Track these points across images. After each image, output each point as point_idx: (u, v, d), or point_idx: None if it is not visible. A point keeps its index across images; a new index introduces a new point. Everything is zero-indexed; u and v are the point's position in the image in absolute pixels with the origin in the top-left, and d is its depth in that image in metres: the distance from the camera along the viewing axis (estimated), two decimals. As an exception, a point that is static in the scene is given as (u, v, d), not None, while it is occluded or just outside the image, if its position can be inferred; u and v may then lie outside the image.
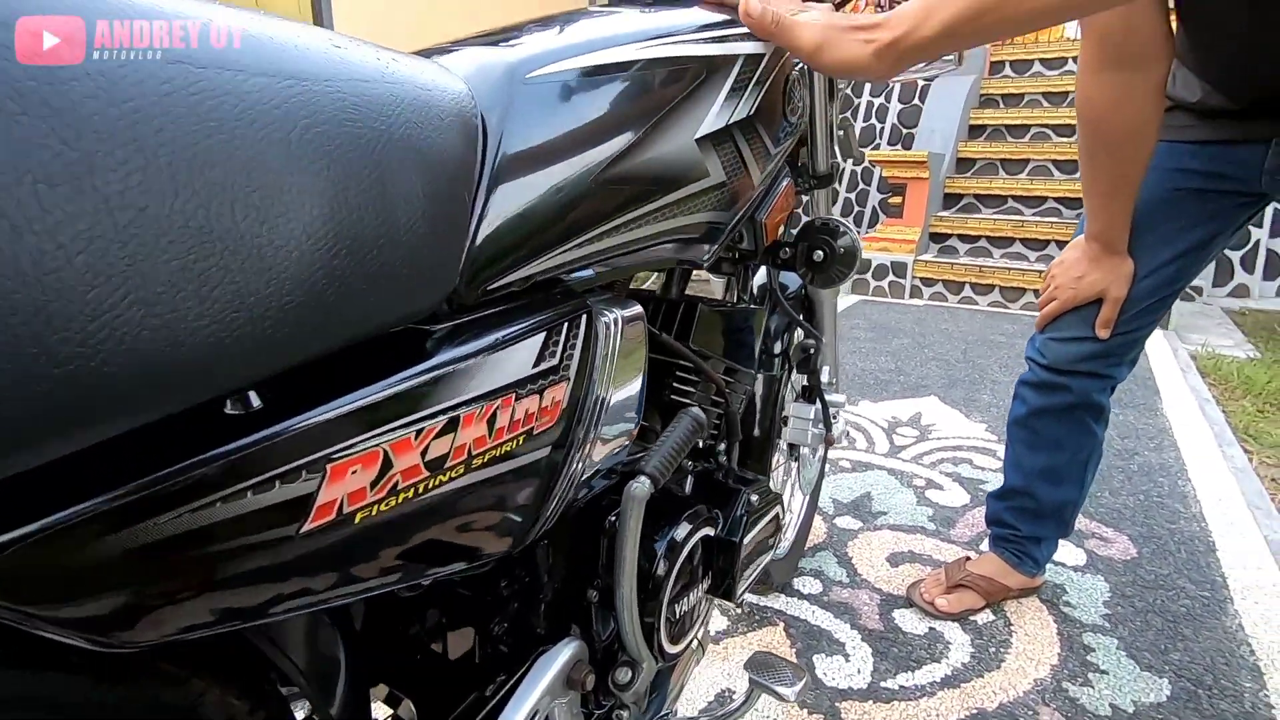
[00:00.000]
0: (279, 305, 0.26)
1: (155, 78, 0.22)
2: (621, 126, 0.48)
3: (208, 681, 0.36)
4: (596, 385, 0.46)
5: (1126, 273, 1.07)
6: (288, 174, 0.26)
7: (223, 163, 0.24)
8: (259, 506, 0.26)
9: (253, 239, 0.25)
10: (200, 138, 0.23)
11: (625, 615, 0.52)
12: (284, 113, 0.26)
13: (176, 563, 0.25)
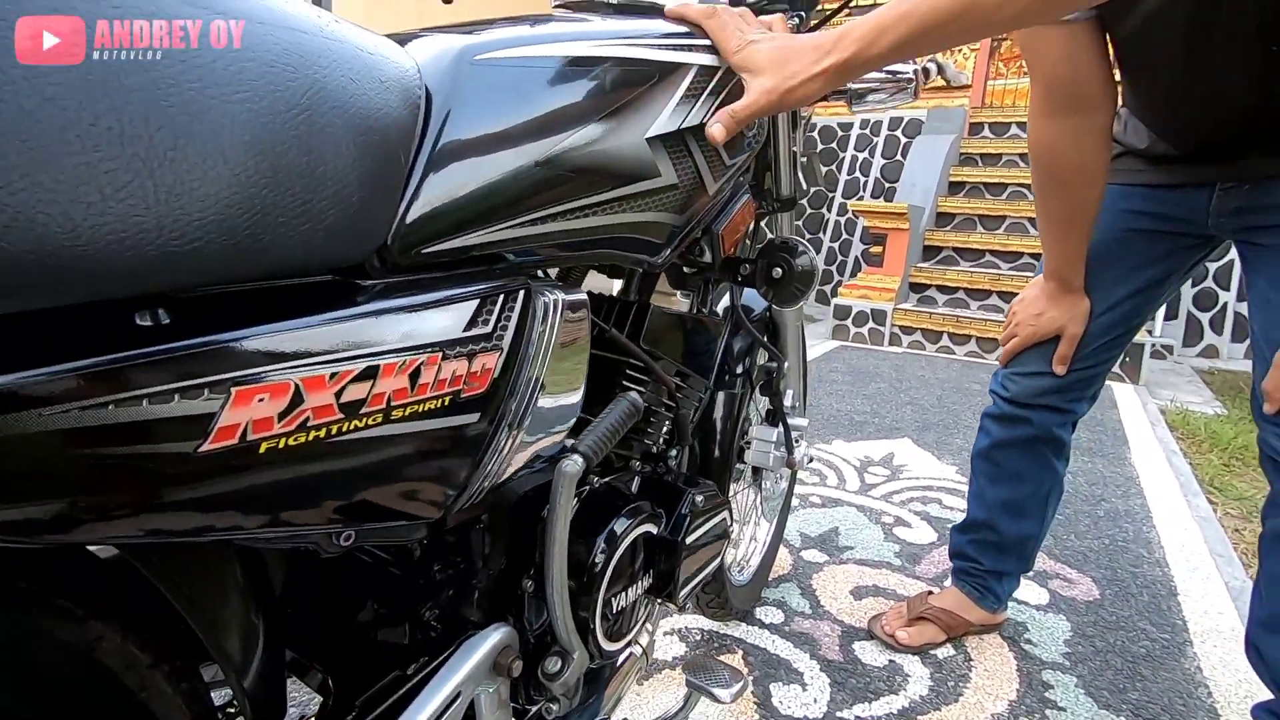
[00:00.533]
0: (188, 221, 0.27)
1: None
2: (568, 116, 0.49)
3: (109, 626, 0.35)
4: (532, 362, 0.47)
5: (1083, 311, 1.10)
6: (210, 98, 0.27)
7: (140, 74, 0.25)
8: (154, 416, 0.27)
9: (165, 150, 0.26)
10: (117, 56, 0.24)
11: (556, 602, 0.52)
12: (209, 46, 0.28)
13: (64, 459, 0.25)
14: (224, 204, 0.28)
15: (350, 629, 0.51)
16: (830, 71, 0.58)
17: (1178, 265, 1.10)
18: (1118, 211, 1.09)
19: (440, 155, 0.41)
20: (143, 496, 0.28)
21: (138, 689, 0.36)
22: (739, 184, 0.81)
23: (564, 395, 0.51)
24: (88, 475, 0.26)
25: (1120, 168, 1.11)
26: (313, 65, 0.32)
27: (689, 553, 0.66)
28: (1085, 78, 0.93)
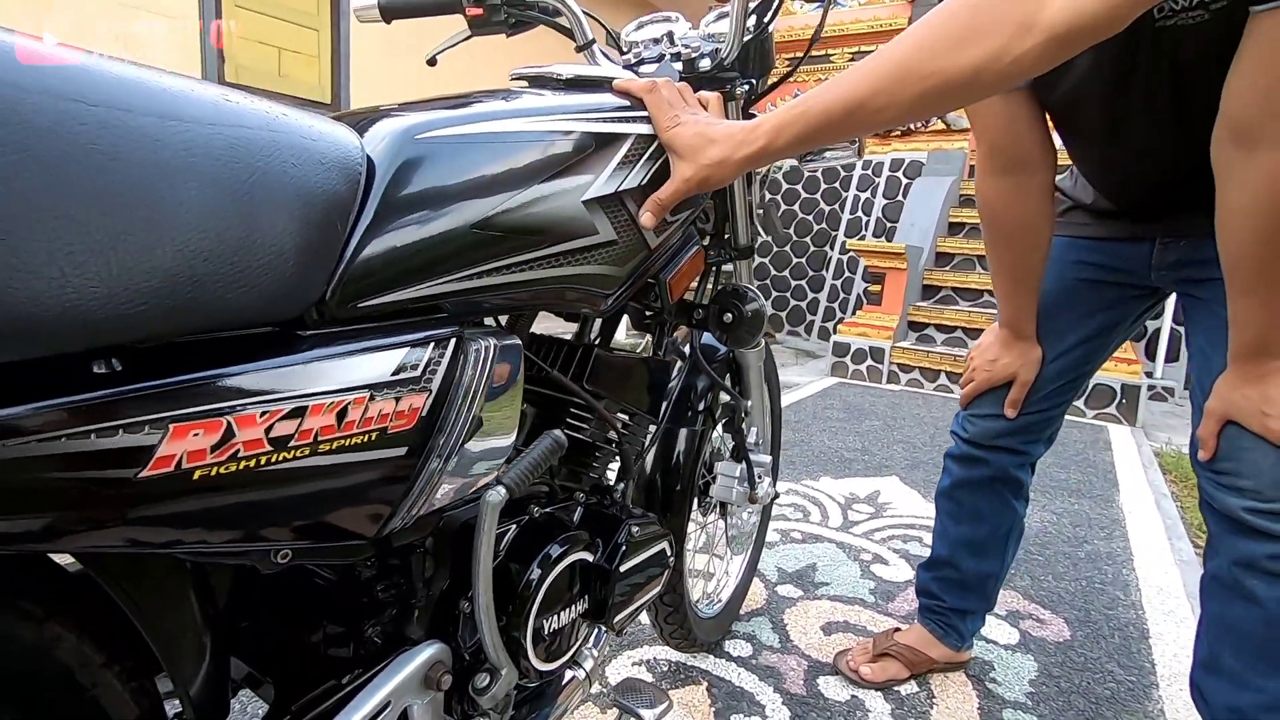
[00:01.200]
0: (135, 290, 0.33)
1: (53, 109, 0.30)
2: (502, 183, 0.56)
3: (67, 627, 0.41)
4: (463, 401, 0.52)
5: (1035, 359, 1.15)
6: (159, 193, 0.34)
7: (103, 177, 0.32)
8: (100, 447, 0.32)
9: (119, 235, 0.32)
10: (84, 156, 0.31)
11: (483, 620, 0.57)
12: (164, 145, 0.34)
13: (26, 481, 0.31)
14: (167, 274, 0.34)
15: (295, 642, 0.56)
16: (742, 160, 0.65)
17: (1126, 314, 1.15)
18: (1067, 262, 1.15)
19: (378, 221, 0.47)
20: (91, 513, 0.34)
21: (90, 685, 0.42)
22: (689, 235, 0.87)
23: (495, 430, 0.56)
24: (46, 495, 0.32)
25: (1070, 221, 1.17)
26: (256, 156, 0.39)
27: (623, 580, 0.70)
28: (1023, 141, 1.00)
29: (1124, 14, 0.56)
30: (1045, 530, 2.11)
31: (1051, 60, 0.59)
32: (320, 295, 0.44)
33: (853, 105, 0.63)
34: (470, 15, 0.91)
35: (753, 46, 0.92)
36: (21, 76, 0.29)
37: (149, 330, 0.34)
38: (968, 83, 0.60)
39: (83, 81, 0.32)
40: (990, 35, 0.58)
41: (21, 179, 0.29)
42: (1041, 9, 0.56)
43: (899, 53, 0.62)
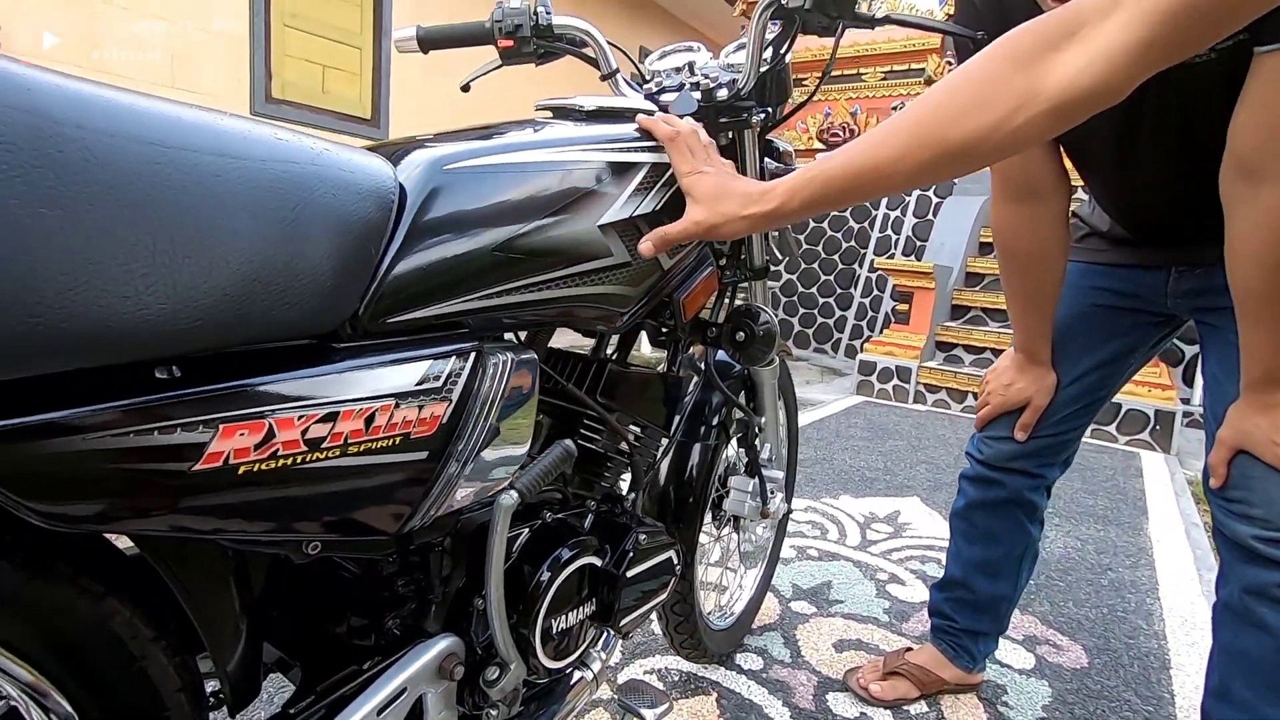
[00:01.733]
0: (194, 307, 0.38)
1: (134, 152, 0.35)
2: (523, 210, 0.60)
3: (122, 604, 0.45)
4: (480, 410, 0.57)
5: (1049, 384, 1.16)
6: (218, 222, 0.39)
7: (172, 209, 0.37)
8: (160, 443, 0.37)
9: (183, 260, 0.37)
10: (158, 192, 0.36)
11: (494, 617, 0.61)
12: (222, 180, 0.39)
13: (97, 470, 0.36)
14: (221, 294, 0.39)
15: (322, 630, 0.61)
16: (754, 218, 0.68)
17: (1141, 341, 1.15)
18: (1083, 288, 1.16)
19: (408, 244, 0.52)
20: (149, 501, 0.38)
21: (139, 656, 0.46)
22: (704, 256, 0.91)
23: (511, 438, 0.61)
24: (111, 482, 0.37)
25: (1086, 247, 1.18)
26: (301, 188, 0.44)
27: (629, 585, 0.74)
28: (1036, 172, 1.02)
29: (1121, 86, 0.57)
30: (1068, 556, 2.08)
31: (1051, 131, 0.60)
32: (354, 311, 0.49)
33: (859, 173, 0.65)
34: (501, 47, 0.96)
35: (769, 77, 0.96)
36: (110, 124, 0.35)
37: (204, 342, 0.39)
38: (970, 150, 0.61)
39: (156, 124, 0.37)
40: (991, 108, 0.60)
41: (108, 213, 0.34)
42: (1042, 82, 0.58)
43: (903, 124, 0.64)
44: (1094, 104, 0.59)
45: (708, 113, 0.93)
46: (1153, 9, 0.53)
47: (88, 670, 0.44)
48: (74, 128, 0.33)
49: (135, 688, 0.47)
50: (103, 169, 0.34)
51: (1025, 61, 0.59)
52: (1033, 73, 0.59)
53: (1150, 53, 0.54)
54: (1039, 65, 0.58)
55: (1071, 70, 0.57)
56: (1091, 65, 0.56)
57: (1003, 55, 0.60)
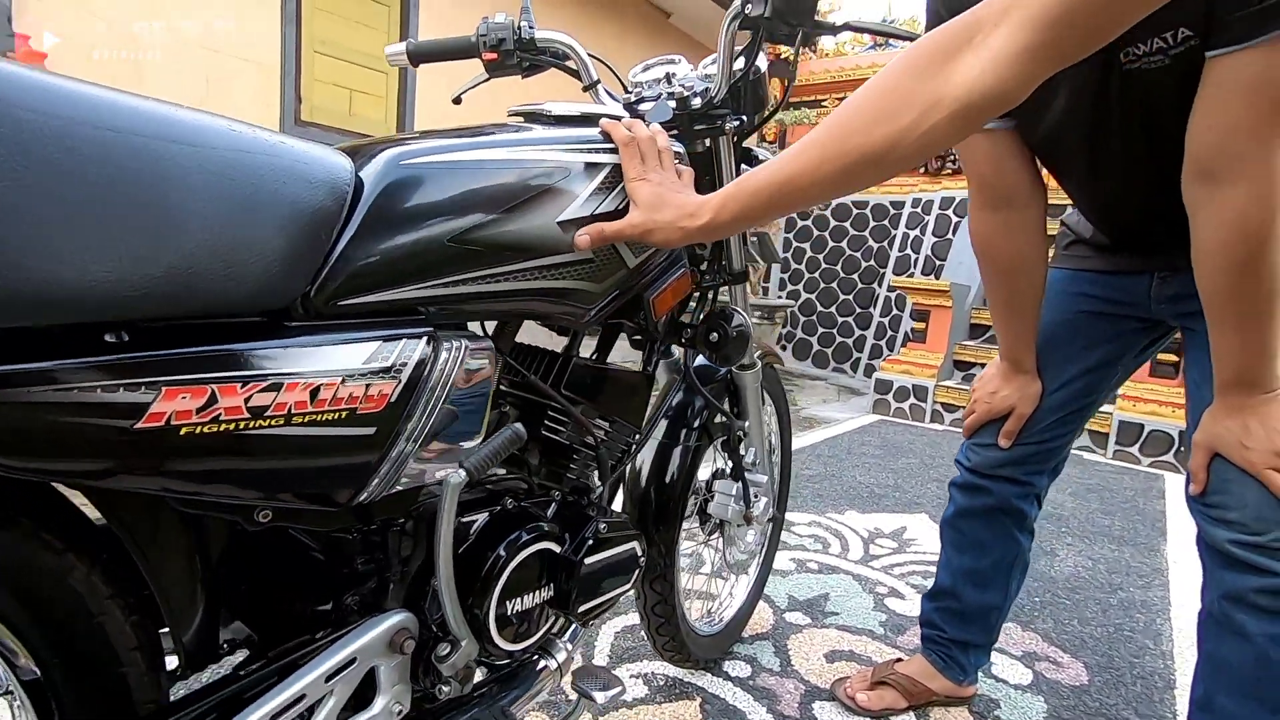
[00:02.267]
0: (141, 276, 0.41)
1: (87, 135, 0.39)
2: (479, 203, 0.64)
3: (81, 561, 0.49)
4: (431, 392, 0.59)
5: (1033, 392, 1.15)
6: (168, 201, 0.42)
7: (123, 187, 0.40)
8: (104, 400, 0.41)
9: (131, 233, 0.41)
10: (108, 171, 0.40)
11: (444, 593, 0.63)
12: (173, 163, 0.43)
13: (53, 421, 0.39)
14: (168, 266, 0.42)
15: (282, 603, 0.63)
16: (688, 230, 0.72)
17: (1128, 347, 1.15)
18: (1069, 294, 1.16)
19: (361, 232, 0.55)
20: (95, 453, 0.42)
21: (96, 612, 0.49)
22: (676, 258, 0.94)
23: (466, 420, 0.63)
24: (59, 434, 0.40)
25: (1072, 254, 1.19)
26: (252, 174, 0.48)
27: (586, 572, 0.76)
28: (1010, 178, 1.03)
29: (1013, 89, 0.59)
30: (1078, 575, 2.04)
31: (956, 135, 0.62)
32: (304, 292, 0.52)
33: (780, 185, 0.68)
34: (486, 60, 1.01)
35: (744, 86, 0.99)
36: (67, 110, 0.38)
37: (152, 310, 0.43)
38: (881, 157, 0.64)
39: (111, 111, 0.41)
40: (897, 117, 0.62)
41: (57, 187, 0.38)
42: (942, 89, 0.60)
43: (818, 136, 0.67)
44: (992, 107, 0.61)
45: (683, 120, 0.97)
46: (1037, 15, 0.55)
47: (48, 622, 0.48)
48: (28, 111, 0.37)
49: (92, 642, 0.50)
50: (55, 148, 0.38)
51: (927, 71, 0.61)
52: (934, 81, 0.61)
53: (1036, 56, 0.56)
54: (939, 74, 0.60)
55: (968, 77, 0.59)
56: (984, 72, 0.58)
57: (905, 66, 0.63)
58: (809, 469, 2.93)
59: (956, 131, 0.61)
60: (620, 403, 0.87)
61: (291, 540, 0.62)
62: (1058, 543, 2.31)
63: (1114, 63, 0.84)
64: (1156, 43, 0.79)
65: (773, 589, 1.74)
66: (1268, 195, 0.75)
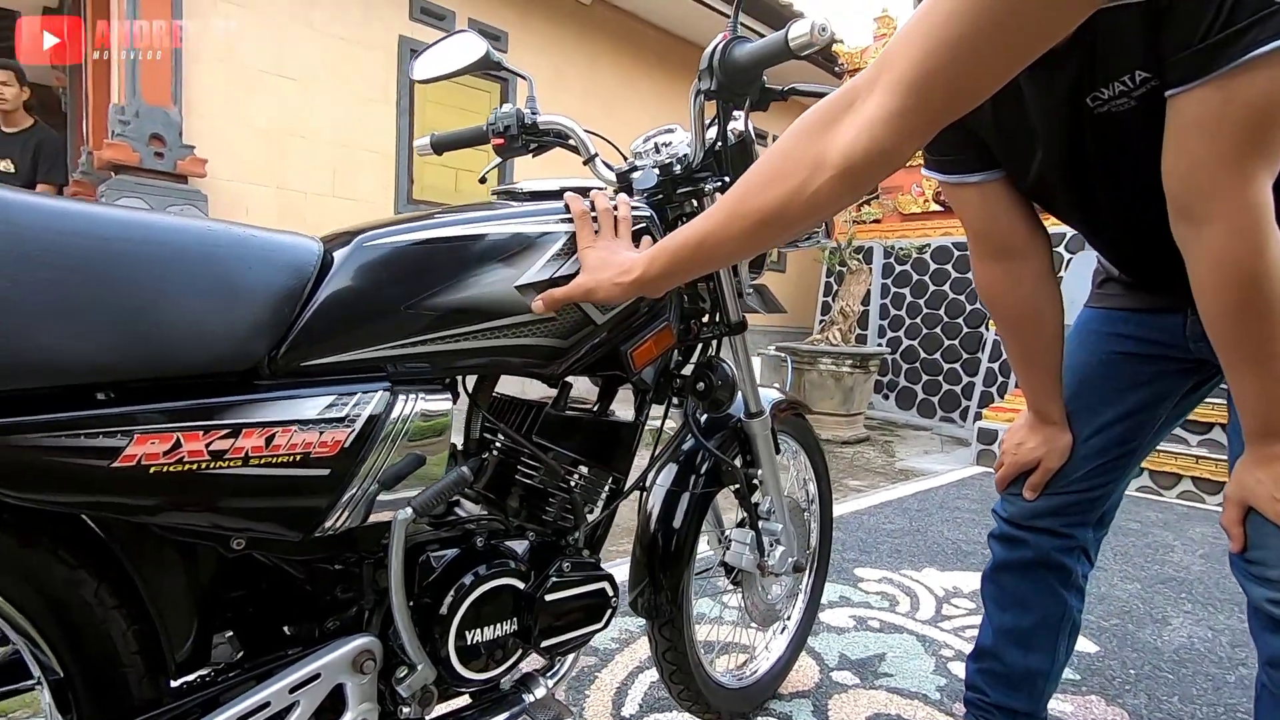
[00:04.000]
0: (119, 346, 0.53)
1: (78, 245, 0.52)
2: (434, 273, 0.73)
3: (90, 575, 0.60)
4: (386, 440, 0.68)
5: (1062, 445, 1.09)
6: (141, 291, 0.55)
7: (103, 282, 0.53)
8: (89, 444, 0.52)
9: (117, 314, 0.53)
10: (94, 271, 0.52)
11: (399, 620, 0.70)
12: (151, 260, 0.55)
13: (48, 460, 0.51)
14: (147, 339, 0.54)
15: (266, 621, 0.73)
16: (624, 285, 0.78)
17: (1170, 389, 1.07)
18: (1102, 334, 1.10)
19: (324, 304, 0.66)
20: (84, 487, 0.53)
21: (102, 619, 0.61)
22: (658, 312, 0.99)
23: (422, 466, 0.72)
24: (56, 471, 0.52)
25: (1105, 293, 1.13)
26: (221, 263, 0.60)
27: (547, 608, 0.80)
28: (1006, 229, 1.00)
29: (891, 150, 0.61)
30: (1191, 646, 1.81)
31: (844, 194, 0.65)
32: (269, 354, 0.63)
33: (696, 242, 0.74)
34: (495, 145, 1.14)
35: (727, 150, 1.05)
36: (63, 224, 0.52)
37: (135, 373, 0.55)
38: (777, 217, 0.68)
39: (102, 224, 0.54)
40: (790, 175, 0.66)
41: (62, 286, 0.51)
42: (826, 153, 0.64)
43: (726, 198, 0.72)
44: (873, 168, 0.64)
45: (666, 186, 1.04)
46: (899, 79, 0.59)
47: (63, 624, 0.59)
48: (29, 228, 0.50)
49: (98, 645, 0.61)
50: (52, 254, 0.51)
51: (813, 134, 0.65)
52: (818, 144, 0.65)
53: (906, 119, 0.59)
54: (823, 138, 0.64)
55: (847, 139, 0.63)
56: (859, 135, 0.62)
57: (797, 131, 0.67)
58: (891, 523, 2.80)
59: (844, 191, 0.64)
60: (597, 449, 0.93)
61: (274, 567, 0.72)
62: (1173, 609, 2.06)
63: (1081, 107, 0.83)
64: (1118, 86, 0.78)
65: (824, 646, 1.68)
66: (1248, 229, 0.72)
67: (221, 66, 4.04)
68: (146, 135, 3.67)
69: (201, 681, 0.66)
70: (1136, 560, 2.51)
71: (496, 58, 1.10)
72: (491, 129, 1.13)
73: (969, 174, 0.98)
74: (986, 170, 0.97)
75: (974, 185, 0.99)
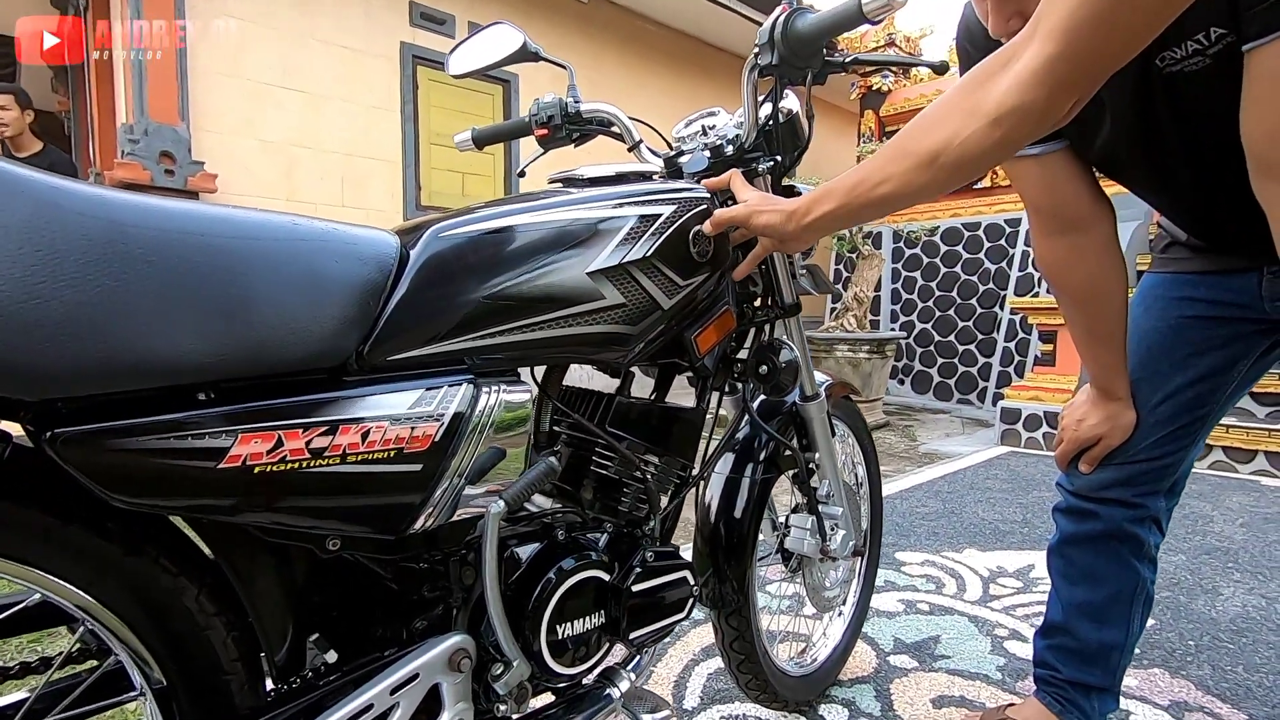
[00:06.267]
0: (218, 347, 0.52)
1: (172, 240, 0.51)
2: (510, 263, 0.72)
3: (192, 582, 0.59)
4: (471, 432, 0.67)
5: (1125, 423, 1.07)
6: (235, 288, 0.54)
7: (198, 279, 0.52)
8: (196, 445, 0.51)
9: (211, 312, 0.52)
10: (188, 268, 0.51)
11: (494, 616, 0.69)
12: (241, 256, 0.54)
13: (156, 464, 0.50)
14: (241, 338, 0.53)
15: (358, 624, 0.72)
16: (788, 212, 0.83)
17: (1244, 352, 1.05)
18: (1171, 299, 1.08)
19: (407, 297, 0.65)
20: (188, 489, 0.52)
21: (204, 626, 0.60)
22: (718, 297, 0.98)
23: (506, 458, 0.70)
24: (161, 473, 0.51)
25: (1170, 257, 1.11)
26: (308, 258, 0.58)
27: (634, 599, 0.79)
28: (1067, 201, 0.98)
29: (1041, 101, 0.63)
30: (1247, 615, 1.79)
31: (995, 145, 0.67)
32: (357, 350, 0.62)
33: (855, 185, 0.77)
34: (538, 135, 1.12)
35: (778, 129, 1.04)
36: (157, 221, 0.50)
37: (231, 372, 0.54)
38: (930, 161, 0.71)
39: (194, 220, 0.53)
40: (946, 125, 0.70)
41: (157, 285, 0.49)
42: (982, 104, 0.67)
43: (888, 144, 0.76)
44: (1024, 119, 0.65)
45: (718, 168, 1.02)
46: (1053, 27, 0.60)
47: (166, 633, 0.58)
48: (128, 226, 0.49)
49: (201, 652, 0.60)
50: (149, 251, 0.49)
51: (973, 86, 0.68)
52: (976, 94, 0.68)
53: (1057, 68, 0.60)
54: (981, 88, 0.67)
55: (1001, 89, 0.65)
56: (1011, 85, 0.64)
57: (962, 83, 0.71)
58: (925, 506, 2.78)
59: (993, 143, 0.67)
60: (667, 437, 0.92)
61: (364, 568, 0.70)
62: (1222, 579, 2.04)
63: (1151, 70, 0.81)
64: (1191, 45, 0.76)
65: (877, 631, 1.66)
66: None
67: (228, 81, 4.04)
68: (156, 153, 3.67)
69: (300, 685, 0.65)
70: (1178, 532, 2.48)
71: (534, 48, 1.08)
72: (535, 120, 1.11)
73: (1028, 146, 0.96)
74: (1046, 141, 0.95)
75: (1033, 158, 0.97)
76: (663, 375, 1.04)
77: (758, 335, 1.11)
